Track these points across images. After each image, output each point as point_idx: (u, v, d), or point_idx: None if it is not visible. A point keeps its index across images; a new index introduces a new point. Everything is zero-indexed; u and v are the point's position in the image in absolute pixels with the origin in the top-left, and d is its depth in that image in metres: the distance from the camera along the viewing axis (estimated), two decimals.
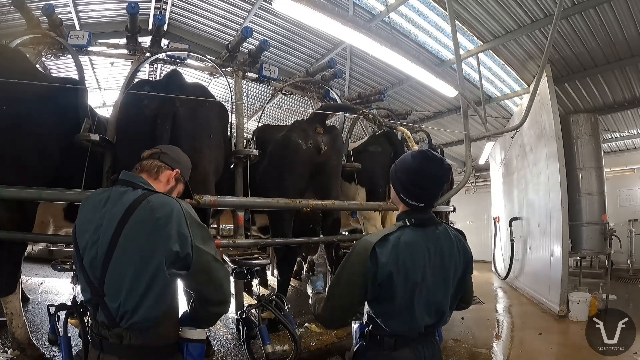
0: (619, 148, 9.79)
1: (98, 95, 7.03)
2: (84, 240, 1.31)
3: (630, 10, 4.98)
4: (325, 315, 1.46)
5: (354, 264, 1.37)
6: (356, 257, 1.37)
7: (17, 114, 2.00)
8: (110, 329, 1.27)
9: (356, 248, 1.40)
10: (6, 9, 2.76)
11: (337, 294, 1.42)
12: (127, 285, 1.23)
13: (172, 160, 1.53)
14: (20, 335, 2.06)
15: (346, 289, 1.39)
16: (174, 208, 1.29)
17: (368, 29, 3.45)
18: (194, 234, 1.30)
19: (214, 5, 6.19)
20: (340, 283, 1.40)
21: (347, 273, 1.38)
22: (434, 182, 1.45)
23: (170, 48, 3.10)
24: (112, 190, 1.38)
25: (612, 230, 6.72)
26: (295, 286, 4.80)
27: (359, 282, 1.36)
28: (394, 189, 1.53)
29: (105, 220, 1.29)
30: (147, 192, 1.34)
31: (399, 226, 1.42)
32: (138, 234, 1.25)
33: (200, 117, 2.33)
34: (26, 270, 3.90)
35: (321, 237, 3.05)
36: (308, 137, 2.92)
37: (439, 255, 1.42)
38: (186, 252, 1.26)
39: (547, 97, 6.18)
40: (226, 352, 2.50)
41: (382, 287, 1.35)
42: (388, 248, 1.35)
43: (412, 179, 1.43)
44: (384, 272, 1.33)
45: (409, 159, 1.46)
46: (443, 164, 1.43)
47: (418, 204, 1.44)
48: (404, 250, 1.36)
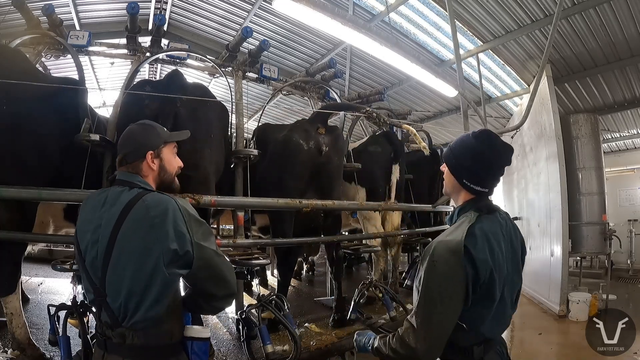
0: (619, 148, 9.79)
1: (98, 95, 7.02)
2: (85, 241, 1.32)
3: (630, 10, 4.98)
4: (424, 347, 1.18)
5: (448, 273, 1.17)
6: (445, 264, 1.17)
7: (17, 114, 1.99)
8: (113, 329, 1.27)
9: (438, 255, 1.19)
10: (6, 9, 2.76)
11: (435, 316, 1.18)
12: (127, 285, 1.23)
13: (136, 151, 1.42)
14: (20, 335, 2.06)
15: (447, 305, 1.17)
16: (169, 206, 1.26)
17: (368, 29, 3.45)
18: (193, 230, 1.27)
19: (214, 5, 6.19)
20: (435, 302, 1.18)
21: (442, 287, 1.17)
22: (502, 164, 1.30)
23: (170, 48, 3.10)
24: (109, 191, 1.38)
25: (612, 230, 6.73)
26: (295, 286, 4.80)
27: (460, 292, 1.16)
28: (454, 176, 1.35)
29: (103, 220, 1.29)
30: (143, 191, 1.33)
31: (476, 216, 1.25)
32: (135, 233, 1.24)
33: (201, 118, 2.33)
34: (26, 270, 3.89)
35: (321, 237, 3.04)
36: (310, 137, 2.90)
37: (510, 242, 1.30)
38: (185, 249, 1.24)
39: (547, 97, 6.18)
40: (226, 352, 2.49)
41: (482, 289, 1.19)
42: (480, 243, 1.19)
43: (479, 162, 1.28)
44: (485, 270, 1.17)
45: (471, 141, 1.31)
46: (506, 144, 1.31)
47: (483, 189, 1.30)
48: (493, 241, 1.21)
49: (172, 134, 1.57)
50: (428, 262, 1.21)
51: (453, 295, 1.17)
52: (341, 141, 3.18)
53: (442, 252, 1.19)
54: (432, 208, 4.15)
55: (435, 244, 1.23)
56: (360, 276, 5.27)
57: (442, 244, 1.21)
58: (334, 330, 2.85)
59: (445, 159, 1.38)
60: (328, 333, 2.79)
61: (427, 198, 4.34)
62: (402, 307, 3.04)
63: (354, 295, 2.97)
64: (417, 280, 1.27)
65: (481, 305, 1.21)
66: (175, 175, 1.54)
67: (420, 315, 1.21)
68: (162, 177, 1.48)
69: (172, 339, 1.33)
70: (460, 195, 1.35)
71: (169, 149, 1.52)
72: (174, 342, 1.34)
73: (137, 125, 1.51)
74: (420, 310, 1.21)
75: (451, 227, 1.30)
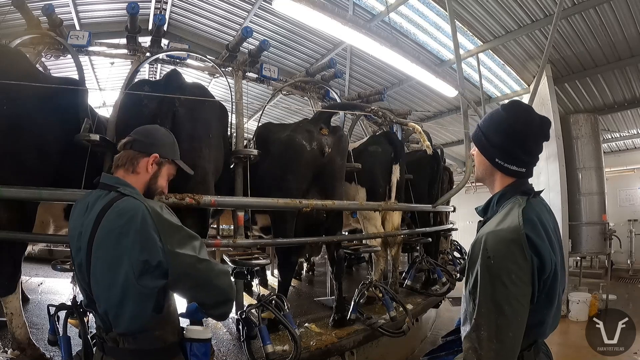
0: (619, 148, 9.80)
1: (98, 95, 7.02)
2: (73, 246, 1.31)
3: (630, 10, 4.98)
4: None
5: (511, 268, 0.96)
6: (506, 258, 0.97)
7: (17, 115, 1.99)
8: (106, 333, 1.27)
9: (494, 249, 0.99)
10: (6, 9, 2.76)
11: (505, 324, 0.95)
12: (104, 297, 1.22)
13: (146, 146, 1.39)
14: (20, 335, 2.06)
15: (516, 307, 0.96)
16: (137, 212, 1.16)
17: (368, 29, 3.45)
18: (166, 238, 1.16)
19: (214, 5, 6.19)
20: (501, 307, 0.95)
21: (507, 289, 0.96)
22: (538, 138, 1.14)
23: (170, 48, 3.10)
24: (91, 195, 1.33)
25: (612, 230, 6.73)
26: (295, 286, 4.80)
27: (529, 289, 0.97)
28: (485, 157, 1.19)
29: (84, 227, 1.26)
30: (118, 195, 1.24)
31: (525, 200, 1.08)
32: (105, 242, 1.18)
33: (199, 117, 2.33)
34: (26, 270, 3.89)
35: (321, 237, 3.04)
36: (312, 138, 2.89)
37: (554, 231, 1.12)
38: (157, 259, 1.14)
39: (547, 97, 6.18)
40: (226, 352, 2.49)
41: (545, 286, 1.01)
42: (541, 232, 1.01)
43: (511, 137, 1.12)
44: (550, 262, 0.99)
45: (501, 115, 1.16)
46: (542, 115, 1.15)
47: (520, 170, 1.14)
48: (549, 230, 1.05)
49: (181, 161, 1.54)
50: (482, 259, 0.99)
51: (521, 293, 0.97)
52: (344, 142, 3.17)
53: (498, 245, 0.99)
54: (432, 208, 4.15)
55: (484, 237, 1.02)
56: (360, 276, 5.27)
57: (494, 235, 1.01)
58: (334, 330, 2.84)
59: (474, 140, 1.22)
60: (328, 333, 2.79)
61: (427, 198, 4.34)
62: (402, 307, 3.04)
63: (354, 295, 2.97)
64: (467, 287, 1.06)
65: (543, 303, 1.03)
66: (156, 194, 1.47)
67: (485, 326, 0.97)
68: (150, 185, 1.42)
69: (165, 343, 1.28)
70: (495, 179, 1.19)
71: (170, 168, 1.49)
72: (168, 345, 1.30)
73: (164, 129, 1.54)
74: (484, 320, 0.97)
75: (496, 216, 1.11)
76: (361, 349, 3.04)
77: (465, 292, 1.08)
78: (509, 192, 1.15)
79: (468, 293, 1.06)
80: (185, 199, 2.10)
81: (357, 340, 2.80)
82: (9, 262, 2.07)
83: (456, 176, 8.55)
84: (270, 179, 2.85)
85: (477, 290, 1.00)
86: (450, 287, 4.25)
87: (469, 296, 1.05)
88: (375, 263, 3.82)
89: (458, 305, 6.13)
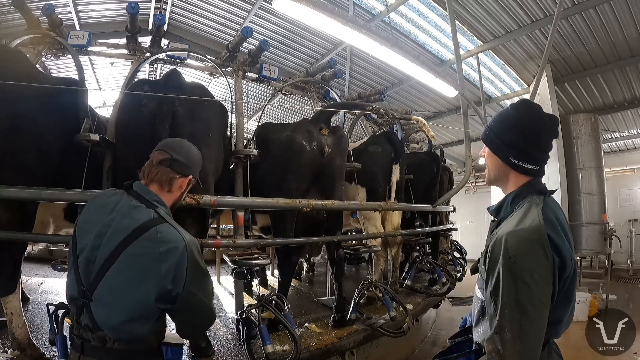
0: (619, 148, 9.80)
1: (98, 95, 7.02)
2: (84, 241, 1.30)
3: (630, 10, 4.98)
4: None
5: (535, 271, 0.95)
6: (528, 258, 0.96)
7: (17, 115, 1.99)
8: (93, 332, 1.27)
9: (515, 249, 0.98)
10: (6, 9, 2.76)
11: (528, 326, 0.95)
12: (115, 304, 1.24)
13: (184, 167, 1.46)
14: (20, 335, 2.06)
15: (539, 308, 0.96)
16: (179, 247, 1.26)
17: (368, 29, 3.45)
18: (190, 278, 1.27)
19: (214, 5, 6.19)
20: (524, 308, 0.95)
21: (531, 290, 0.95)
22: (550, 136, 1.16)
23: (170, 48, 3.10)
24: (122, 198, 1.36)
25: (612, 230, 6.73)
26: (295, 286, 4.80)
27: (550, 289, 0.97)
28: (498, 157, 1.19)
29: (110, 230, 1.28)
30: (158, 218, 1.31)
31: (542, 199, 1.09)
32: (138, 260, 1.24)
33: (199, 117, 2.33)
34: (26, 270, 3.89)
35: (321, 237, 3.03)
36: (312, 138, 2.89)
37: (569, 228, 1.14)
38: (177, 292, 1.26)
39: (547, 97, 6.19)
40: (226, 352, 2.49)
41: (565, 284, 1.02)
42: (560, 231, 1.02)
43: (525, 135, 1.13)
44: (571, 262, 1.00)
45: (511, 114, 1.18)
46: (550, 114, 1.19)
47: (533, 167, 1.15)
48: (566, 229, 1.05)
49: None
50: (504, 260, 0.98)
51: (544, 293, 0.96)
52: (344, 142, 3.16)
53: (520, 245, 0.98)
54: (432, 208, 4.15)
55: (504, 236, 1.01)
56: (360, 276, 5.27)
57: (515, 235, 1.00)
58: (334, 330, 2.84)
59: (485, 140, 1.22)
60: (328, 333, 2.79)
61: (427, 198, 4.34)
62: (402, 307, 3.04)
63: (354, 295, 2.97)
64: (488, 289, 1.04)
65: (561, 303, 1.03)
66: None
67: (508, 328, 0.96)
68: (177, 202, 1.52)
69: (152, 345, 1.36)
70: (509, 178, 1.18)
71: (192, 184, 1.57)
72: (153, 347, 1.37)
73: (195, 147, 1.57)
74: (507, 322, 0.96)
75: (513, 216, 1.11)
76: (361, 349, 3.04)
77: (485, 294, 1.07)
78: (524, 191, 1.15)
79: (489, 295, 1.04)
80: (185, 198, 2.10)
81: (357, 340, 2.80)
82: (9, 262, 2.07)
83: (456, 176, 8.55)
84: (271, 179, 2.85)
85: (500, 291, 0.99)
86: (450, 287, 4.25)
87: (490, 298, 1.03)
88: (375, 263, 3.83)
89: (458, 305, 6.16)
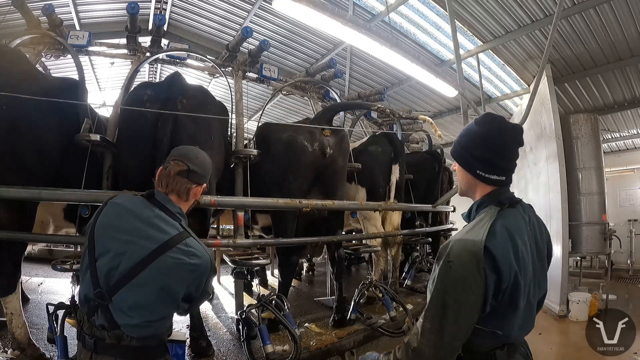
0: (619, 148, 9.80)
1: (98, 95, 7.03)
2: (105, 244, 1.31)
3: (630, 10, 4.98)
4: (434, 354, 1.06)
5: (464, 278, 1.04)
6: (462, 267, 1.05)
7: (17, 115, 1.99)
8: (109, 330, 1.28)
9: (455, 255, 1.07)
10: (6, 9, 2.76)
11: (447, 325, 1.04)
12: (144, 307, 1.29)
13: (200, 177, 1.53)
14: (20, 335, 2.06)
15: (460, 314, 1.04)
16: (207, 261, 1.40)
17: (368, 29, 3.45)
18: (208, 283, 1.45)
19: (214, 5, 6.19)
20: (447, 309, 1.05)
21: (457, 293, 1.04)
22: (513, 145, 1.22)
23: (170, 48, 3.10)
24: (145, 206, 1.41)
25: (612, 230, 6.74)
26: (295, 286, 4.80)
27: (477, 300, 1.04)
28: (466, 170, 1.26)
29: (139, 238, 1.31)
30: (185, 232, 1.40)
31: (497, 211, 1.15)
32: (170, 269, 1.32)
33: (200, 119, 2.33)
34: (26, 270, 3.89)
35: (321, 237, 3.03)
36: (314, 139, 2.88)
37: (534, 240, 1.20)
38: (196, 295, 1.42)
39: (547, 97, 6.19)
40: (226, 352, 2.49)
41: (505, 295, 1.08)
42: (503, 243, 1.07)
43: (489, 147, 1.20)
44: (509, 275, 1.05)
45: (475, 128, 1.24)
46: (514, 124, 1.24)
47: (500, 178, 1.21)
48: (517, 240, 1.10)
49: None
50: (443, 262, 1.08)
51: (468, 303, 1.04)
52: (345, 143, 3.16)
53: (460, 253, 1.06)
54: (432, 208, 4.15)
55: (452, 242, 1.10)
56: (360, 276, 5.27)
57: (460, 243, 1.08)
58: (334, 330, 2.84)
59: (455, 156, 1.29)
60: (328, 333, 2.79)
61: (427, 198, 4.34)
62: (402, 307, 3.04)
63: (354, 295, 2.97)
64: (430, 281, 1.15)
65: (504, 311, 1.10)
66: None
67: (430, 320, 1.08)
68: (190, 208, 1.59)
69: (163, 341, 1.45)
70: (476, 190, 1.26)
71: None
72: (163, 343, 1.45)
73: (208, 156, 1.62)
74: (431, 315, 1.08)
75: (470, 223, 1.20)
76: (361, 349, 3.03)
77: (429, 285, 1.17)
78: (486, 201, 1.23)
79: (428, 288, 1.16)
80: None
81: (357, 340, 2.80)
82: (9, 262, 2.07)
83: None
84: (271, 179, 2.84)
85: (433, 287, 1.11)
86: None
87: (429, 291, 1.15)
88: (375, 263, 3.83)
89: None
